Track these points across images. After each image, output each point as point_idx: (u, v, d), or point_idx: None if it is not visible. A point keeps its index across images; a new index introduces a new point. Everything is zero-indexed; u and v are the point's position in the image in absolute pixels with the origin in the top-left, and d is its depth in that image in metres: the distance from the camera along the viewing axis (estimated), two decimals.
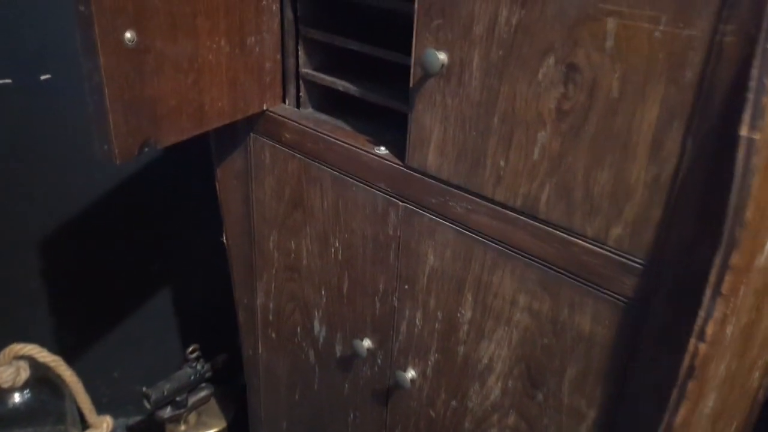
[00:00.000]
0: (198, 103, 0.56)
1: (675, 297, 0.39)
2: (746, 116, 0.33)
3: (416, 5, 0.47)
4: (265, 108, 0.63)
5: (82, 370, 0.97)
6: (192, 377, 1.01)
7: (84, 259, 1.05)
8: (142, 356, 1.17)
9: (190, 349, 1.02)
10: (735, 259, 0.34)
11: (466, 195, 0.49)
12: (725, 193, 0.34)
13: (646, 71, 0.37)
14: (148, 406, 0.97)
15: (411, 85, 0.50)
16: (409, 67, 0.50)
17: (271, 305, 0.75)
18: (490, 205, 0.48)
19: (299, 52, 0.62)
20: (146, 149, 0.52)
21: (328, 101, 0.65)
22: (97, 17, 0.45)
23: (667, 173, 0.38)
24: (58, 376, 0.95)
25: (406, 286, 0.58)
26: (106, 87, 0.47)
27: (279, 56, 0.63)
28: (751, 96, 0.32)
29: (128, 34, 0.47)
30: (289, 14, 0.61)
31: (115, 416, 1.16)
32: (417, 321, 0.58)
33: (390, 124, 0.60)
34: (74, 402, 0.97)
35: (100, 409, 0.98)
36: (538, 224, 0.46)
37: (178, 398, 1.00)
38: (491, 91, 0.45)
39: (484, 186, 0.48)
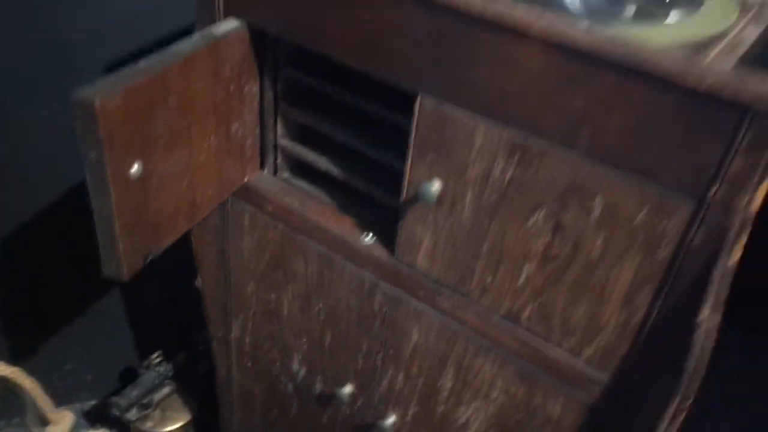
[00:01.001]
0: (191, 200, 0.57)
1: (635, 411, 0.48)
2: (706, 306, 0.40)
3: (412, 137, 0.50)
4: (246, 180, 0.65)
5: (37, 366, 1.01)
6: (156, 380, 1.05)
7: (37, 256, 1.03)
8: (94, 348, 1.19)
9: (155, 355, 1.05)
10: (688, 406, 0.43)
11: (454, 294, 0.55)
12: (685, 353, 0.42)
13: (625, 244, 0.43)
14: (118, 414, 1.01)
15: (402, 199, 0.54)
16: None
17: (247, 340, 0.80)
18: (475, 307, 0.54)
19: (278, 127, 0.64)
20: (149, 259, 0.54)
21: (308, 165, 0.67)
22: (108, 161, 0.45)
23: (636, 320, 0.46)
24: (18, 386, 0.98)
25: (391, 351, 0.64)
26: (116, 219, 0.48)
27: (258, 130, 0.64)
28: (712, 289, 0.40)
29: (135, 168, 0.48)
30: (268, 94, 0.61)
31: (71, 403, 1.21)
32: (399, 380, 0.65)
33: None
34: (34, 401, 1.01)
35: (57, 399, 1.02)
36: (519, 329, 0.53)
37: (144, 400, 1.05)
38: (482, 225, 0.50)
39: (471, 293, 0.54)
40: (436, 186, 0.50)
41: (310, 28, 0.52)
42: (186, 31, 0.54)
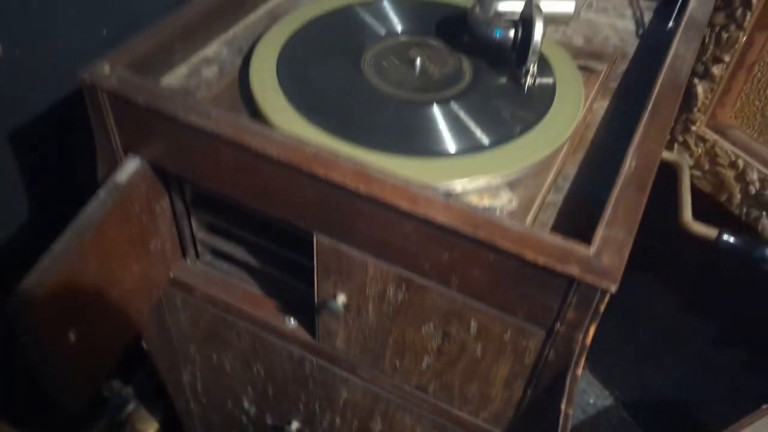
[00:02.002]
0: (126, 322, 0.63)
1: None
2: (564, 399, 0.50)
3: (315, 262, 0.57)
4: (171, 276, 0.71)
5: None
6: (121, 405, 1.14)
7: None
8: None
9: (116, 384, 1.12)
10: None
11: (371, 369, 0.64)
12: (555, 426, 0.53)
13: (499, 351, 0.53)
14: None
15: (316, 303, 0.61)
16: None
17: (198, 384, 0.88)
18: (390, 380, 0.64)
19: (192, 225, 0.69)
20: (98, 387, 0.60)
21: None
22: (45, 340, 0.51)
23: (516, 397, 0.56)
24: None
25: (325, 402, 0.74)
26: (61, 375, 0.54)
27: (175, 231, 0.69)
28: (566, 389, 0.50)
29: (71, 335, 0.53)
30: (179, 205, 0.66)
31: None
32: (337, 421, 0.75)
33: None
34: None
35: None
36: (429, 397, 0.63)
37: (115, 422, 1.13)
38: (385, 326, 0.58)
39: (385, 370, 0.63)
40: (341, 299, 0.58)
41: (207, 176, 0.56)
42: None
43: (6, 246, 0.77)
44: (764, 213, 0.85)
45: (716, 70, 0.85)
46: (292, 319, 0.68)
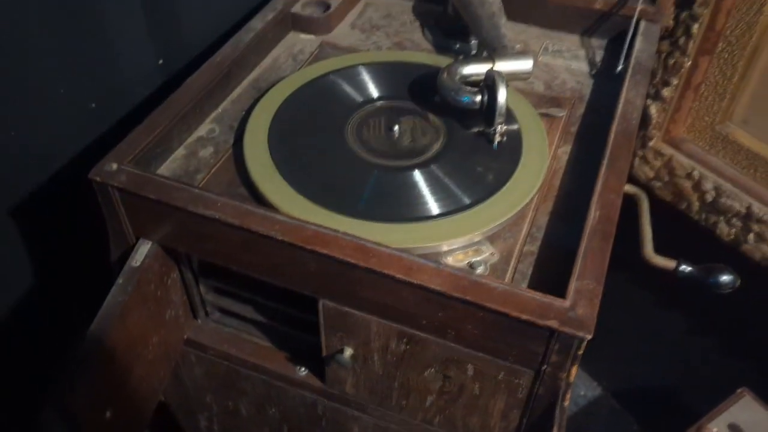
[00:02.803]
0: (152, 389, 0.68)
1: None
2: (555, 427, 0.57)
3: (321, 321, 0.63)
4: (185, 338, 0.76)
5: None
6: None
7: None
8: None
9: None
10: None
11: (380, 407, 0.71)
12: None
13: (495, 388, 0.59)
14: None
15: (323, 354, 0.67)
16: None
17: (215, 427, 0.94)
18: (398, 416, 0.70)
19: (201, 290, 0.74)
20: None
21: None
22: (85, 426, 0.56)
23: (513, 425, 0.62)
24: None
25: None
26: None
27: (186, 297, 0.74)
28: (556, 419, 0.57)
29: (107, 413, 0.59)
30: (188, 275, 0.71)
31: None
32: None
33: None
34: None
35: None
36: (435, 430, 0.69)
37: None
38: (390, 373, 0.64)
39: (393, 408, 0.69)
40: (348, 352, 0.64)
41: (215, 254, 0.62)
42: None
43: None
44: (721, 218, 0.93)
45: (666, 92, 0.92)
46: (302, 368, 0.73)
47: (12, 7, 0.62)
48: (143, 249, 0.64)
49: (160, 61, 0.86)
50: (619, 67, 0.76)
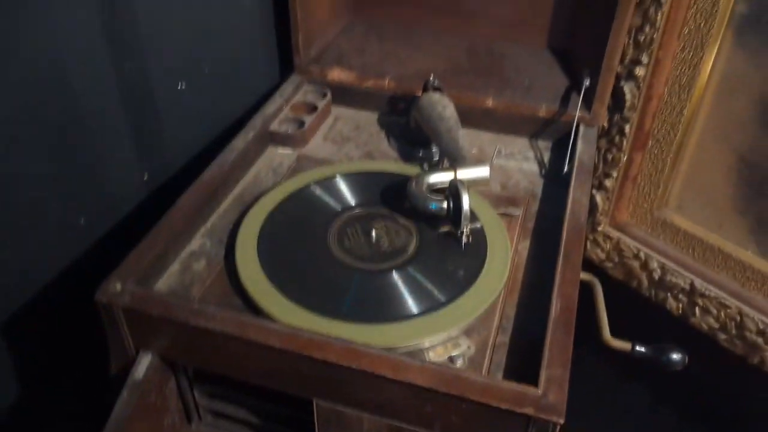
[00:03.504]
0: None
1: None
2: None
3: (315, 419, 0.67)
4: None
5: None
6: None
7: None
8: None
9: None
10: None
11: None
12: None
13: None
14: None
15: None
16: None
17: None
18: None
19: (195, 396, 0.78)
20: None
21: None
22: None
23: None
24: None
25: None
26: None
27: (181, 403, 0.78)
28: None
29: None
30: (184, 383, 0.75)
31: None
32: None
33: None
34: None
35: None
36: None
37: None
38: None
39: None
40: None
41: (213, 364, 0.66)
42: None
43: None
44: (669, 294, 1.02)
45: (608, 182, 1.03)
46: None
47: (2, 125, 0.67)
48: (145, 361, 0.68)
49: (145, 177, 0.92)
50: (565, 169, 0.86)
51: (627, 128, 0.97)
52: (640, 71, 0.92)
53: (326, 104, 0.99)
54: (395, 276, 0.71)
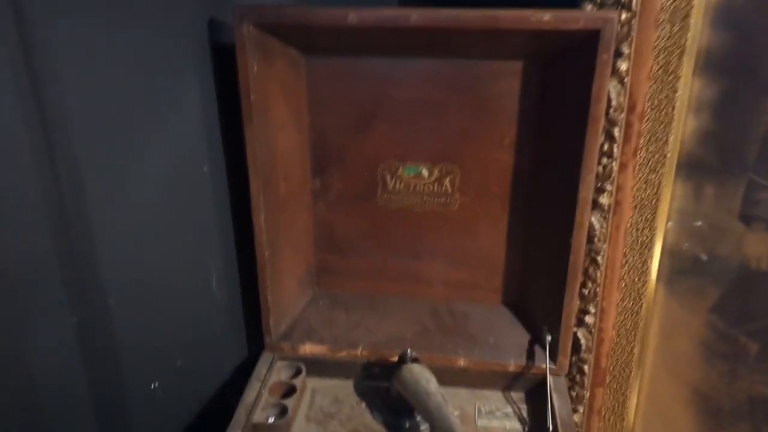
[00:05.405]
0: None
1: None
2: None
3: None
4: None
5: None
6: None
7: None
8: None
9: None
10: None
11: None
12: None
13: None
14: None
15: None
16: None
17: None
18: None
19: None
20: None
21: None
22: None
23: None
24: None
25: None
26: None
27: None
28: None
29: None
30: None
31: None
32: None
33: None
34: None
35: None
36: None
37: None
38: None
39: None
40: None
41: None
42: None
43: None
44: None
45: (576, 418, 1.09)
46: None
47: None
48: None
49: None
50: (550, 428, 0.90)
51: (585, 368, 1.05)
52: (589, 319, 1.02)
53: (302, 381, 1.00)
54: None
